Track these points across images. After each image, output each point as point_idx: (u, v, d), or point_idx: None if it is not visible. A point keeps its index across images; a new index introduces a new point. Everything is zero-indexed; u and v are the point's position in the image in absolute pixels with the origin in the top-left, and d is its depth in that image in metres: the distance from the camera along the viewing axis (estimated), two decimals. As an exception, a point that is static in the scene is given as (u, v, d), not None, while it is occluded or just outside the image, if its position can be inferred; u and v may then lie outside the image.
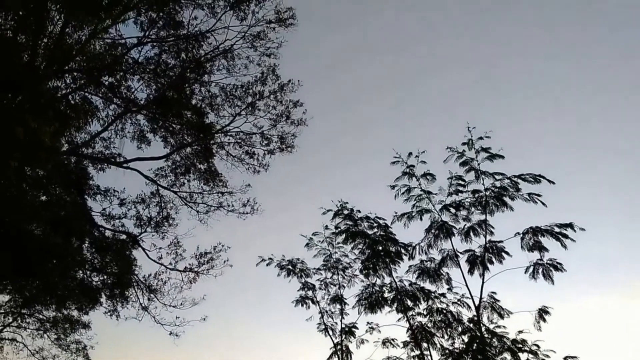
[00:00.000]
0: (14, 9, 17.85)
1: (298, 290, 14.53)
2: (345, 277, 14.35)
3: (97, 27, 19.22)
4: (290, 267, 14.55)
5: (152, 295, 21.83)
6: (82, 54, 19.32)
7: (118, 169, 20.93)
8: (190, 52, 20.30)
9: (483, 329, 11.35)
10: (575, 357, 10.37)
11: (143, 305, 21.78)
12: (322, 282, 14.52)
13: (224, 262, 22.27)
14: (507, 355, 10.90)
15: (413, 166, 12.59)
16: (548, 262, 10.82)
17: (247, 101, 21.36)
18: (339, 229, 13.73)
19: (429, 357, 12.06)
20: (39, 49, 18.11)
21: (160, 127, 21.75)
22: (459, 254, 11.94)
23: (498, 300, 11.57)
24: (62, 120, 16.80)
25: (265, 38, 20.82)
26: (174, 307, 21.83)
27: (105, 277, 21.67)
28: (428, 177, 12.42)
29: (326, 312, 14.15)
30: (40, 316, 25.42)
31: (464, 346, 11.61)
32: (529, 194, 11.14)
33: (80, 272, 21.26)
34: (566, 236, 10.60)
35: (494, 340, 11.17)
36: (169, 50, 20.30)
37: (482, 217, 11.74)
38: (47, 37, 18.64)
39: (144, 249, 21.82)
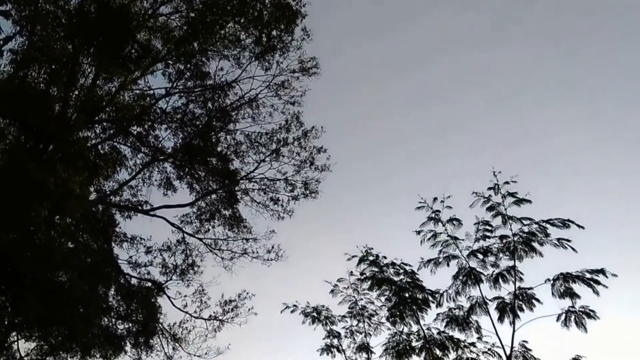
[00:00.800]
0: (47, 63, 18.56)
1: (323, 339, 14.22)
2: (372, 324, 14.04)
3: (126, 79, 19.86)
4: (315, 314, 14.29)
5: (176, 344, 21.64)
6: (111, 104, 19.91)
7: (145, 216, 21.17)
8: (217, 102, 20.81)
9: (515, 379, 10.94)
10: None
11: (168, 354, 21.57)
12: (348, 330, 14.21)
13: (249, 310, 22.04)
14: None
15: (439, 211, 12.46)
16: (580, 309, 10.46)
17: (271, 148, 21.65)
18: (365, 276, 13.53)
19: (460, 410, 11.63)
20: (71, 101, 18.72)
21: (186, 174, 22.08)
22: (488, 301, 11.63)
23: (530, 350, 11.16)
24: (91, 170, 17.18)
25: (289, 87, 21.30)
26: (198, 356, 21.56)
27: (130, 324, 21.59)
28: (454, 222, 12.25)
29: (352, 361, 13.79)
30: (65, 364, 25.31)
31: (496, 398, 11.18)
32: (558, 239, 10.88)
33: (106, 319, 21.23)
34: (598, 282, 10.26)
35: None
36: (196, 100, 20.84)
37: (511, 263, 11.48)
38: (78, 89, 19.29)
39: (169, 297, 21.78)
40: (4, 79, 17.72)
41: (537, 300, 11.10)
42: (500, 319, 11.22)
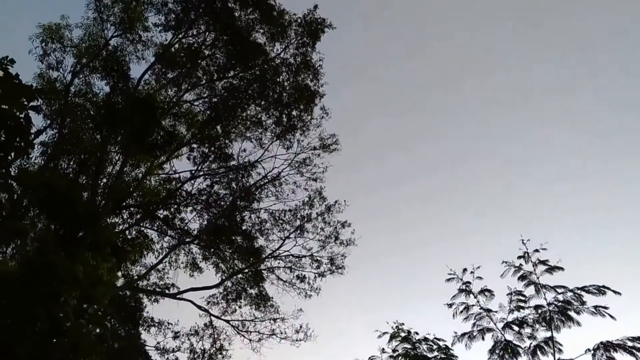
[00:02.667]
0: (76, 154, 19.23)
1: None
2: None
3: (152, 164, 20.40)
4: (348, 396, 13.79)
5: None
6: (138, 190, 20.35)
7: (172, 300, 21.07)
8: (240, 182, 21.18)
9: None
10: None
11: None
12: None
13: (280, 392, 21.40)
14: None
15: (469, 282, 12.19)
16: (624, 379, 9.94)
17: (295, 224, 21.70)
18: (397, 352, 13.11)
19: None
20: (99, 188, 19.20)
21: (212, 255, 22.12)
22: (527, 375, 11.12)
23: None
24: (119, 255, 17.33)
25: (310, 164, 21.68)
26: None
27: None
28: (486, 293, 11.94)
29: None
30: None
31: None
32: (595, 307, 10.50)
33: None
34: (641, 350, 9.81)
35: None
36: (220, 181, 21.23)
37: (548, 333, 11.04)
38: (106, 177, 19.84)
39: (197, 383, 21.28)
40: (35, 171, 18.35)
41: (580, 372, 10.59)
42: (542, 393, 10.70)
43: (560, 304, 10.94)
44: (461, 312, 12.08)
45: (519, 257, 11.52)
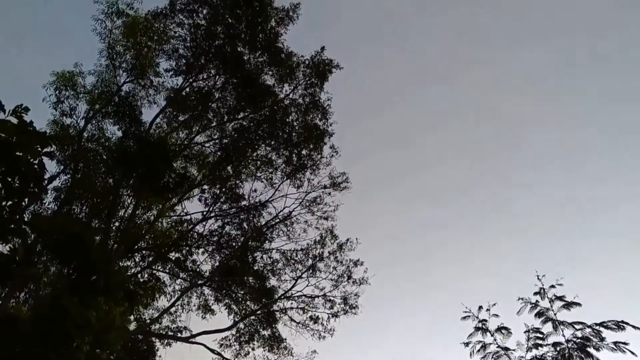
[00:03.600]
0: (89, 198, 19.43)
1: None
2: None
3: (164, 207, 20.53)
4: None
5: None
6: (150, 232, 20.43)
7: (184, 343, 20.86)
8: (252, 222, 21.21)
9: None
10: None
11: None
12: None
13: None
14: None
15: (485, 320, 11.98)
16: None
17: (307, 264, 21.61)
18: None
19: None
20: (111, 232, 19.31)
21: (224, 296, 21.99)
22: (549, 415, 10.82)
23: None
24: (131, 299, 17.30)
25: (321, 202, 21.71)
26: None
27: None
28: (503, 331, 11.72)
29: None
30: None
31: None
32: (615, 343, 10.26)
33: None
34: (664, 387, 9.54)
35: None
36: (231, 222, 21.28)
37: (568, 371, 10.79)
38: (118, 220, 19.97)
39: None
40: (48, 216, 18.52)
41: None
42: None
43: (578, 340, 10.72)
44: (478, 350, 11.84)
45: (535, 294, 11.35)
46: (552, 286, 11.12)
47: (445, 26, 46.63)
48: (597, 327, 10.55)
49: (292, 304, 21.84)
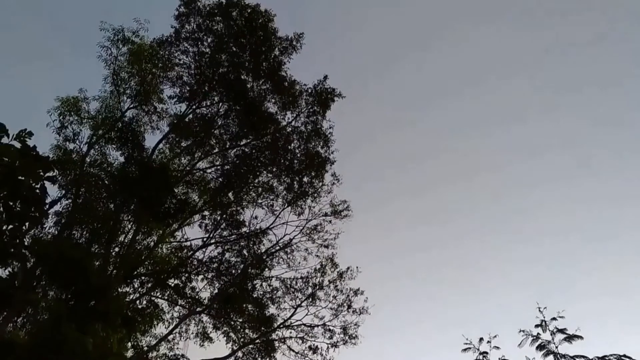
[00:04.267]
0: (89, 223, 19.44)
1: None
2: None
3: (164, 233, 20.53)
4: None
5: None
6: (150, 258, 20.38)
7: (182, 372, 20.60)
8: (252, 249, 21.14)
9: None
10: None
11: None
12: None
13: None
14: None
15: (486, 353, 11.84)
16: None
17: (307, 293, 21.49)
18: None
19: None
20: (111, 257, 19.27)
21: (222, 324, 21.81)
22: None
23: None
24: (129, 326, 17.18)
25: (322, 230, 21.68)
26: None
27: None
28: (504, 364, 11.60)
29: None
30: None
31: None
32: (618, 377, 10.14)
33: None
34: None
35: None
36: (232, 249, 21.23)
37: (570, 406, 10.62)
38: (118, 245, 19.95)
39: None
40: (48, 240, 18.52)
41: None
42: None
43: (580, 374, 10.60)
44: (479, 383, 11.70)
45: (537, 326, 11.24)
46: (554, 318, 11.04)
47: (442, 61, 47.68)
48: (599, 361, 10.44)
49: (291, 333, 21.65)
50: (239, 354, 21.79)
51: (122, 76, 20.21)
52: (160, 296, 20.98)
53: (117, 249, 19.77)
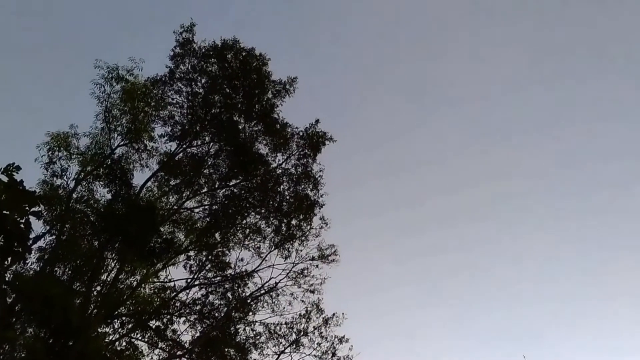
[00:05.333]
0: (72, 260, 19.42)
1: None
2: None
3: (148, 272, 20.51)
4: None
5: None
6: (132, 298, 20.27)
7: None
8: (236, 292, 21.10)
9: None
10: None
11: None
12: None
13: None
14: None
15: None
16: None
17: (291, 339, 21.33)
18: None
19: None
20: (92, 295, 19.18)
21: (203, 369, 21.51)
22: None
23: None
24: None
25: (308, 274, 21.73)
26: None
27: None
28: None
29: None
30: None
31: None
32: None
33: None
34: None
35: None
36: (215, 291, 21.17)
37: None
38: (100, 284, 19.87)
39: None
40: (30, 276, 18.44)
41: None
42: None
43: None
44: None
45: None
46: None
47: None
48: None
49: (274, 382, 21.35)
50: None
51: (114, 113, 20.53)
52: (140, 338, 20.74)
53: (99, 288, 19.68)
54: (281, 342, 21.24)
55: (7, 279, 16.15)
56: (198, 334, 20.82)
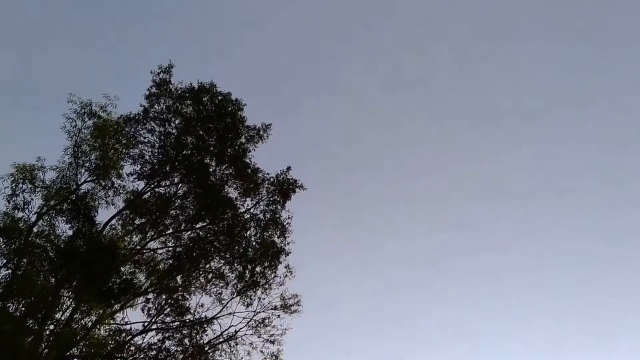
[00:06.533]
0: (27, 297, 19.24)
1: None
2: None
3: (104, 313, 20.38)
4: None
5: None
6: (85, 339, 20.04)
7: None
8: (194, 339, 21.00)
9: None
10: None
11: None
12: None
13: None
14: None
15: None
16: None
17: (248, 391, 21.18)
18: None
19: None
20: (45, 334, 18.96)
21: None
22: None
23: None
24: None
25: (269, 324, 21.77)
26: None
27: None
28: None
29: None
30: None
31: None
32: None
33: None
34: None
35: None
36: (173, 337, 21.03)
37: None
38: (54, 323, 19.66)
39: None
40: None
41: None
42: None
43: None
44: None
45: None
46: None
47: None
48: None
49: None
50: None
51: (84, 149, 20.69)
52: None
53: (52, 327, 19.47)
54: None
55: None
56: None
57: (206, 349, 21.02)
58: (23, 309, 19.49)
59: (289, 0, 50.75)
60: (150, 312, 21.02)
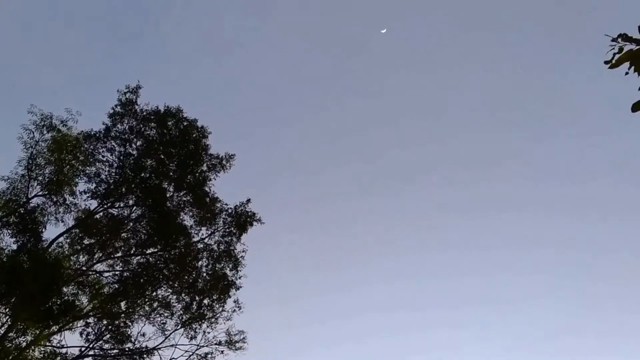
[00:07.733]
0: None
1: None
2: None
3: (41, 333, 19.96)
4: None
5: None
6: (18, 360, 19.57)
7: None
8: (132, 369, 20.70)
9: None
10: None
11: None
12: None
13: None
14: None
15: None
16: None
17: None
18: None
19: None
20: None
21: None
22: None
23: None
24: None
25: (212, 360, 21.52)
26: None
27: None
28: None
29: None
30: None
31: None
32: None
33: None
34: None
35: None
36: (110, 365, 20.70)
37: None
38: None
39: None
40: None
41: None
42: None
43: None
44: None
45: None
46: None
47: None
48: None
49: None
50: None
51: (39, 162, 20.57)
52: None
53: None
54: None
55: None
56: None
57: (143, 380, 20.72)
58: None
59: (267, 23, 51.30)
60: (89, 337, 20.67)
